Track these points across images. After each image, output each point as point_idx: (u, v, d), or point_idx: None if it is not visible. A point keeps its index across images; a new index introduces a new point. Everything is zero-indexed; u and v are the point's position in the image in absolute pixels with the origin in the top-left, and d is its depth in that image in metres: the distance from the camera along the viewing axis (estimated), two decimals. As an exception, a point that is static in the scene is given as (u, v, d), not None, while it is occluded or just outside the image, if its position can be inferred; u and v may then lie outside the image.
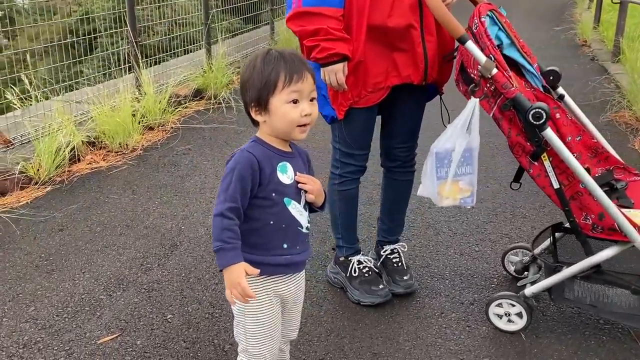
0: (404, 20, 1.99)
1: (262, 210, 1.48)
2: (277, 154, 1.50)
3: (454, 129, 1.96)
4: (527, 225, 2.98)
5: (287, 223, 1.51)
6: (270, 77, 1.44)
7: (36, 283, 2.52)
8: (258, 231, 1.49)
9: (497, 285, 2.47)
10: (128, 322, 2.26)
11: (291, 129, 1.47)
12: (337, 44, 1.97)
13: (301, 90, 1.45)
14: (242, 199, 1.43)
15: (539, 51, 7.12)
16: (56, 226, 3.01)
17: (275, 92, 1.44)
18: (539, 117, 1.79)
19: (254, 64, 1.47)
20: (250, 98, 1.48)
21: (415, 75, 2.10)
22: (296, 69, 1.45)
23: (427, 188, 2.03)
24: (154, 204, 3.25)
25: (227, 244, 1.39)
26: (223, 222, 1.41)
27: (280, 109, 1.44)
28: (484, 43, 1.86)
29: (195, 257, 2.71)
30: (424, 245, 2.80)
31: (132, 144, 4.05)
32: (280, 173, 1.49)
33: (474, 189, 2.01)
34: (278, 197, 1.48)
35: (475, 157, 1.97)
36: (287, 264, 1.53)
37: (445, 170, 1.98)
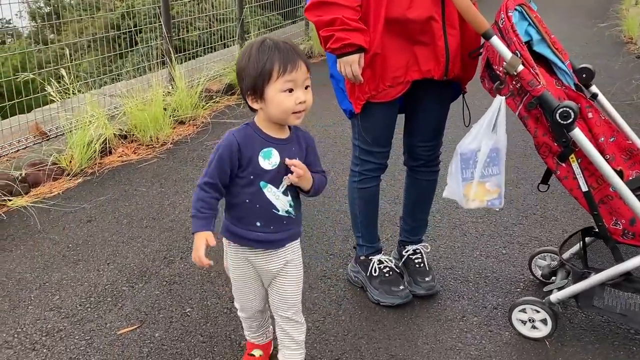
0: (425, 12, 1.93)
1: (239, 188, 1.62)
2: (265, 139, 1.60)
3: (479, 129, 1.89)
4: (558, 228, 2.88)
5: (262, 204, 1.62)
6: (265, 67, 1.50)
7: (62, 272, 2.57)
8: (235, 206, 1.65)
9: (523, 290, 2.39)
10: (148, 314, 2.28)
11: (286, 116, 1.55)
12: (352, 34, 1.93)
13: (295, 79, 1.51)
14: (221, 176, 1.58)
15: (581, 48, 6.90)
16: (85, 217, 3.07)
17: (270, 82, 1.51)
18: (566, 117, 1.72)
19: (250, 53, 1.53)
20: (247, 86, 1.55)
21: (436, 70, 2.03)
22: (290, 58, 1.51)
23: (452, 190, 1.97)
24: (181, 198, 3.28)
25: (200, 212, 1.58)
26: (199, 194, 1.59)
27: (275, 97, 1.52)
28: (510, 39, 1.79)
29: (218, 251, 2.67)
30: (449, 247, 2.73)
31: (162, 137, 4.10)
32: (262, 158, 1.59)
33: (502, 190, 1.94)
34: (255, 180, 1.60)
35: (502, 157, 1.90)
36: (259, 240, 1.67)
37: (471, 172, 1.91)
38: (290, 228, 1.70)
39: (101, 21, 6.42)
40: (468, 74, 2.15)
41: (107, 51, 4.96)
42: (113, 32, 5.32)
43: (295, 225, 1.72)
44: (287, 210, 1.66)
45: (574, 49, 6.85)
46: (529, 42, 2.10)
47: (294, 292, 1.77)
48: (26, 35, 7.94)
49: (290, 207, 1.67)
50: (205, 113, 4.62)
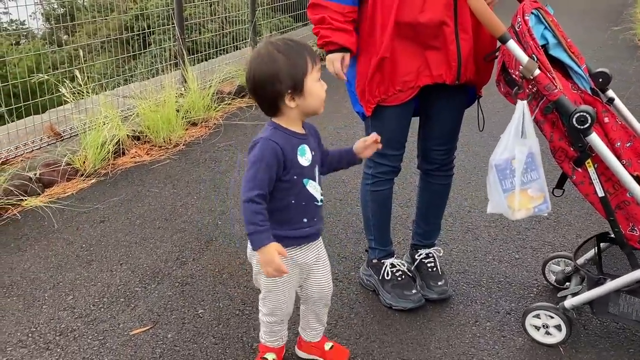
0: (437, 16, 1.92)
1: (284, 191, 1.63)
2: (296, 137, 1.63)
3: (508, 137, 1.87)
4: (572, 233, 2.85)
5: (306, 200, 1.67)
6: (299, 61, 1.55)
7: (76, 272, 2.59)
8: (280, 210, 1.65)
9: (537, 295, 2.38)
10: (160, 315, 2.29)
11: (321, 104, 1.62)
12: (335, 34, 1.99)
13: (319, 68, 1.61)
14: (270, 185, 1.58)
15: (595, 52, 6.85)
16: (98, 217, 3.09)
17: (308, 74, 1.57)
18: (583, 121, 1.70)
19: (274, 57, 1.55)
20: (287, 87, 1.56)
21: (448, 74, 2.02)
22: (307, 49, 1.60)
23: (496, 204, 1.94)
24: (193, 199, 3.29)
25: (259, 226, 1.55)
26: (253, 207, 1.55)
27: (313, 88, 1.58)
28: (526, 42, 1.79)
29: (230, 253, 2.73)
30: (461, 250, 2.72)
31: (175, 139, 4.12)
32: (300, 156, 1.63)
33: (546, 194, 1.90)
34: (298, 179, 1.63)
35: (538, 161, 1.87)
36: (307, 236, 1.72)
37: (510, 181, 1.89)
38: (322, 216, 1.78)
39: (114, 22, 6.48)
40: (483, 77, 2.15)
41: (120, 52, 5.00)
42: (126, 34, 5.37)
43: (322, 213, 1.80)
44: (321, 198, 1.73)
45: (587, 52, 6.79)
46: (545, 46, 2.09)
47: (330, 279, 1.86)
48: (40, 36, 8.04)
49: (322, 195, 1.74)
50: (217, 115, 4.63)
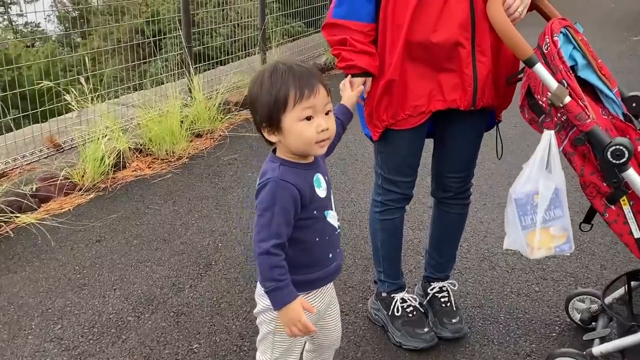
0: (452, 37, 1.77)
1: (304, 231, 1.43)
2: (307, 169, 1.44)
3: (532, 169, 1.69)
4: (596, 263, 2.66)
5: (329, 233, 1.49)
6: (279, 94, 1.34)
7: (66, 298, 2.44)
8: (304, 251, 1.45)
9: (559, 335, 2.19)
10: (153, 349, 2.13)
11: (309, 147, 1.39)
12: (357, 57, 1.83)
13: (314, 105, 1.36)
14: (287, 230, 1.37)
15: (613, 62, 6.62)
16: (94, 237, 2.94)
17: (287, 110, 1.35)
18: (619, 155, 1.53)
19: (261, 80, 1.38)
20: (261, 118, 1.39)
21: (462, 100, 1.86)
22: (306, 82, 1.35)
23: (513, 240, 1.76)
24: (194, 217, 3.14)
25: (280, 282, 1.35)
26: (271, 260, 1.34)
27: (294, 127, 1.36)
28: (555, 66, 1.61)
29: (229, 279, 2.57)
30: (477, 281, 2.54)
31: (178, 151, 3.97)
32: (316, 188, 1.45)
33: (570, 233, 1.71)
34: (319, 213, 1.46)
35: (563, 197, 1.69)
36: (333, 272, 1.53)
37: (530, 218, 1.71)
38: None
39: (125, 27, 6.37)
40: (503, 102, 1.98)
41: (130, 57, 4.86)
42: (135, 40, 5.25)
43: None
44: (338, 225, 1.55)
45: (605, 62, 6.58)
46: (573, 67, 1.91)
47: (338, 315, 1.67)
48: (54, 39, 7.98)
49: (337, 219, 1.55)
50: (223, 126, 4.48)
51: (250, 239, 2.89)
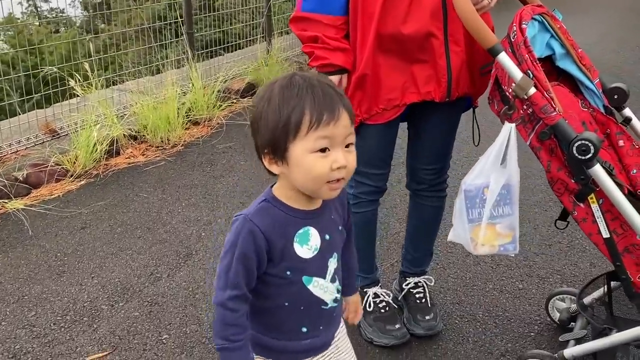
0: (423, 28, 1.70)
1: (272, 289, 1.17)
2: (297, 216, 1.15)
3: (486, 162, 1.63)
4: (585, 261, 2.57)
5: (307, 304, 1.19)
6: (290, 117, 1.06)
7: (44, 285, 2.45)
8: (269, 311, 1.19)
9: (537, 335, 2.12)
10: (122, 339, 2.12)
11: (318, 187, 1.10)
12: (332, 54, 1.75)
13: (333, 135, 1.07)
14: (248, 280, 1.13)
15: (632, 52, 6.39)
16: (79, 223, 2.95)
17: (298, 137, 1.07)
18: (585, 151, 1.44)
19: (270, 95, 1.10)
20: (262, 142, 1.11)
21: (437, 91, 1.79)
22: (327, 104, 1.06)
23: (457, 233, 1.70)
24: (181, 206, 3.12)
25: (231, 342, 1.13)
26: (225, 317, 1.13)
27: (303, 160, 1.07)
28: (521, 56, 1.53)
29: (207, 269, 2.54)
30: (459, 277, 2.47)
31: (173, 139, 3.96)
32: (298, 245, 1.15)
33: (516, 233, 1.64)
34: (294, 276, 1.16)
35: (514, 194, 1.62)
36: (306, 350, 1.23)
37: (478, 212, 1.64)
38: (338, 316, 1.28)
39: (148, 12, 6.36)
40: (480, 88, 1.90)
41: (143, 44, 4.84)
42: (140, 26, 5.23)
43: (340, 308, 1.29)
44: (335, 299, 1.22)
45: (624, 52, 6.37)
46: (551, 57, 1.83)
47: None
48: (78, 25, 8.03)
49: (338, 292, 1.23)
50: (222, 114, 4.45)
51: (234, 229, 2.86)
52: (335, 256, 1.21)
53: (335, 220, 1.22)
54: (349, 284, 1.38)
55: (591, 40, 6.99)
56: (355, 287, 1.44)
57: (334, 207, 1.23)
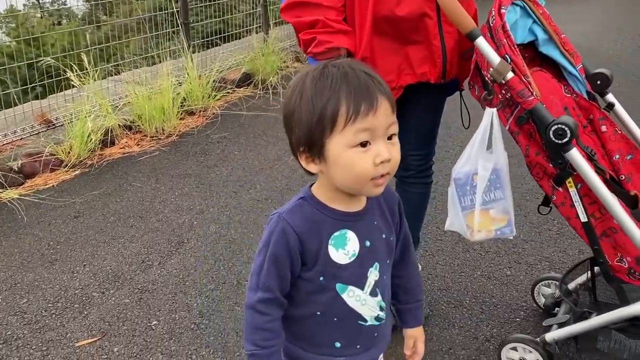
0: (417, 8, 1.69)
1: (306, 294, 1.09)
2: (335, 217, 1.07)
3: (472, 148, 1.63)
4: (574, 247, 2.58)
5: (341, 316, 1.10)
6: (325, 111, 0.98)
7: (36, 273, 2.48)
8: (300, 320, 1.12)
9: (523, 320, 2.14)
10: (112, 325, 2.15)
11: (361, 185, 1.01)
12: (335, 37, 1.70)
13: (373, 126, 0.98)
14: (281, 283, 1.06)
15: (633, 40, 6.36)
16: (73, 212, 2.97)
17: (335, 132, 0.98)
18: (561, 135, 1.45)
19: (302, 89, 1.02)
20: (297, 140, 1.03)
21: (432, 72, 1.79)
22: (364, 93, 0.98)
23: (452, 221, 1.71)
24: (174, 195, 3.14)
25: (261, 348, 1.06)
26: (255, 319, 1.07)
27: (342, 156, 0.99)
28: (499, 40, 1.53)
29: (198, 257, 2.57)
30: (447, 264, 2.49)
31: (168, 129, 3.97)
32: (333, 248, 1.06)
33: (511, 216, 1.65)
34: (328, 283, 1.08)
35: (504, 178, 1.63)
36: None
37: (470, 198, 1.65)
38: (383, 338, 1.17)
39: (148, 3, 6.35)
40: (466, 72, 1.90)
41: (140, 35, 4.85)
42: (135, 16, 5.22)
43: (388, 330, 1.19)
44: (377, 316, 1.12)
45: (623, 40, 6.34)
46: (534, 42, 1.83)
47: None
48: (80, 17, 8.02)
49: (382, 310, 1.13)
50: (217, 104, 4.46)
51: (226, 218, 2.89)
52: (376, 267, 1.11)
53: (379, 227, 1.12)
54: (409, 311, 1.25)
55: (590, 29, 6.96)
56: (419, 318, 1.26)
57: (379, 211, 1.13)
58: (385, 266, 1.13)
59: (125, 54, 4.82)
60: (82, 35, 4.64)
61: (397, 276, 1.21)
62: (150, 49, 5.00)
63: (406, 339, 1.26)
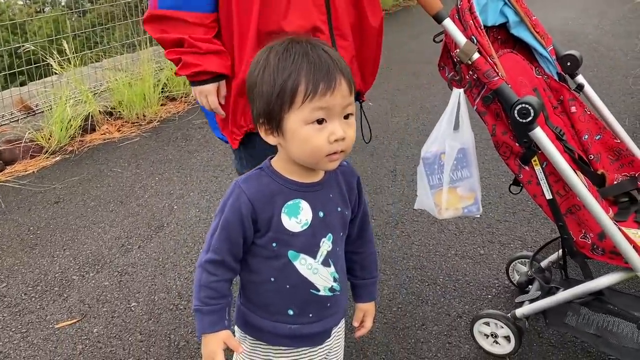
0: (307, 22, 1.47)
1: (260, 261, 1.14)
2: (289, 187, 1.11)
3: (440, 128, 1.67)
4: (547, 227, 2.64)
5: (294, 283, 1.14)
6: (285, 85, 1.02)
7: (16, 258, 2.49)
8: (256, 287, 1.16)
9: (494, 297, 2.19)
10: (91, 307, 2.18)
11: (316, 159, 1.06)
12: (204, 60, 1.48)
13: (330, 105, 1.02)
14: (231, 248, 1.11)
15: (613, 25, 6.44)
16: (53, 198, 2.98)
17: (292, 108, 1.02)
18: (525, 114, 1.49)
19: (265, 63, 1.06)
20: (257, 112, 1.08)
21: None
22: (324, 73, 1.02)
23: (422, 200, 1.75)
24: (154, 180, 3.15)
25: (204, 305, 1.10)
26: (202, 278, 1.11)
27: (298, 131, 1.03)
28: (466, 22, 1.56)
29: (178, 240, 2.59)
30: (423, 244, 2.54)
31: (149, 115, 3.97)
32: (286, 216, 1.10)
33: (478, 195, 1.70)
34: (280, 249, 1.12)
35: (470, 157, 1.67)
36: (293, 336, 1.18)
37: (437, 177, 1.69)
38: (337, 311, 1.21)
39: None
40: (368, 83, 1.75)
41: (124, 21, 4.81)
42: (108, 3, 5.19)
43: (343, 303, 1.23)
44: (330, 287, 1.16)
45: (604, 26, 6.41)
46: (505, 25, 1.87)
47: None
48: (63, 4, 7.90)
49: (335, 281, 1.17)
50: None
51: (206, 202, 2.91)
52: (330, 238, 1.15)
53: (334, 200, 1.16)
54: (364, 286, 1.29)
55: (574, 14, 7.03)
56: (373, 294, 1.31)
57: (336, 186, 1.17)
58: (339, 238, 1.17)
59: (106, 41, 4.80)
60: (63, 23, 4.60)
61: (355, 252, 1.26)
62: (131, 35, 4.98)
63: (357, 311, 1.31)
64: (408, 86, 4.52)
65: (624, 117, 3.57)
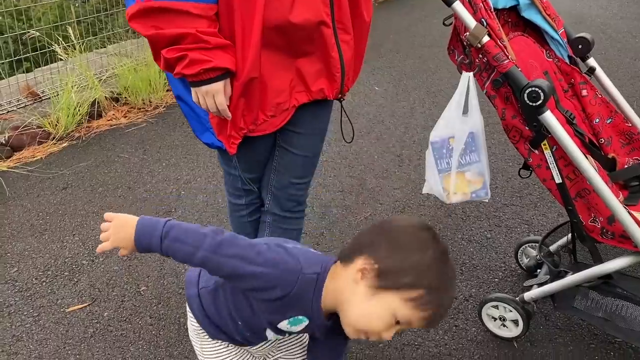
0: (314, 15, 1.41)
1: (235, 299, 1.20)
2: (307, 309, 1.12)
3: (449, 113, 1.67)
4: (554, 211, 2.64)
5: (255, 330, 1.23)
6: (420, 280, 1.04)
7: (26, 243, 2.51)
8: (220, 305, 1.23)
9: (501, 280, 2.20)
10: (101, 291, 2.20)
11: (354, 331, 1.08)
12: (214, 55, 1.35)
13: (413, 324, 1.07)
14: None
15: (620, 7, 6.36)
16: (61, 184, 2.99)
17: (401, 292, 1.04)
18: (535, 98, 1.48)
19: (422, 259, 1.05)
20: (380, 259, 1.06)
21: (330, 88, 1.55)
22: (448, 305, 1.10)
23: (430, 185, 1.75)
24: (161, 166, 3.16)
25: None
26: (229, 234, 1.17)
27: (378, 304, 1.05)
28: (475, 5, 1.55)
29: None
30: (430, 228, 2.54)
31: (155, 100, 3.97)
32: (286, 321, 1.15)
33: (486, 179, 1.70)
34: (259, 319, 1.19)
35: (479, 141, 1.67)
36: (243, 343, 1.28)
37: (446, 161, 1.69)
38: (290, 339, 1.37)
39: None
40: (352, 81, 1.70)
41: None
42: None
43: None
44: (278, 339, 1.30)
45: (612, 8, 6.33)
46: (516, 7, 1.85)
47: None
48: None
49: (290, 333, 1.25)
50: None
51: (213, 187, 2.92)
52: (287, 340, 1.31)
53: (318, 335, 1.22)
54: None
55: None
56: None
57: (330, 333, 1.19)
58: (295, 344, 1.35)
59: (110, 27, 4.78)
60: (67, 9, 4.58)
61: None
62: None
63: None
64: (414, 70, 4.50)
65: (632, 100, 3.55)
